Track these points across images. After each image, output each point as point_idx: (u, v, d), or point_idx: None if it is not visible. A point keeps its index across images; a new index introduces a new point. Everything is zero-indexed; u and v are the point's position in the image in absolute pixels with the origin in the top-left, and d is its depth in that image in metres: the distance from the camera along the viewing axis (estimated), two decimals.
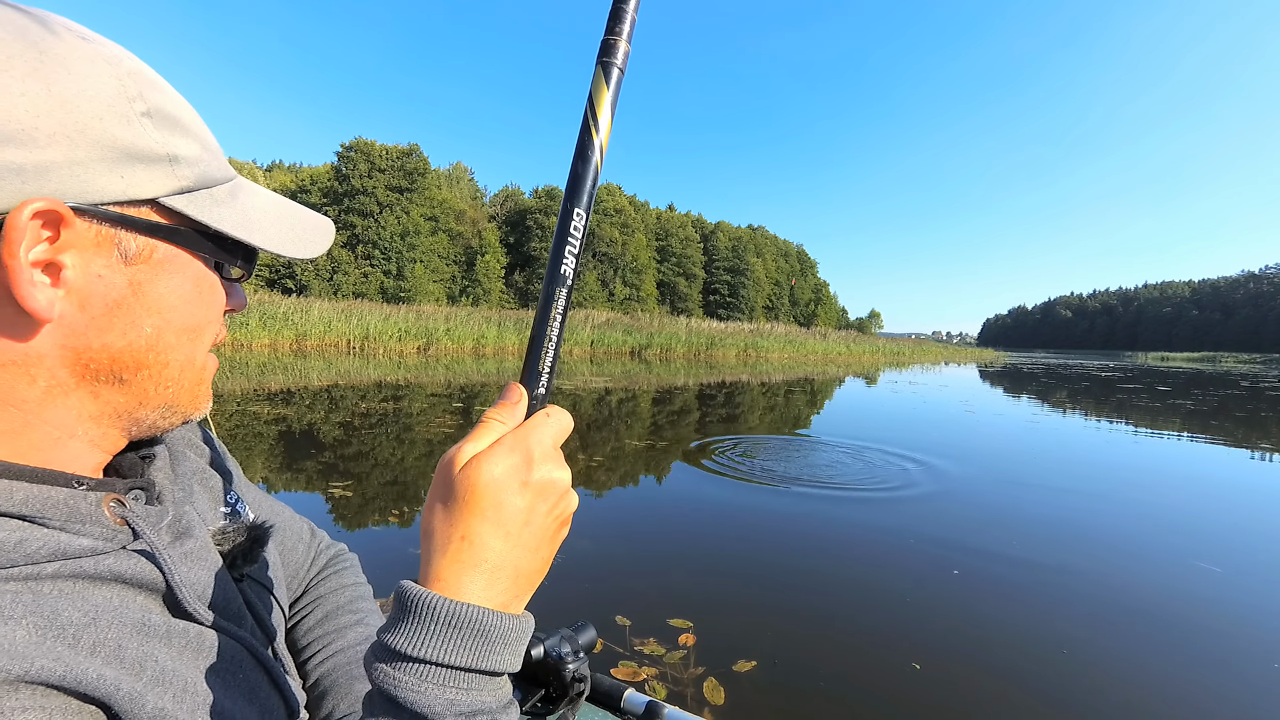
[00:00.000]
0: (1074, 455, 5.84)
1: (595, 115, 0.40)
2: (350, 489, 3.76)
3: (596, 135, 0.40)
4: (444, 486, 0.36)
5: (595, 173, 0.40)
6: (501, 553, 0.36)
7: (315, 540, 0.75)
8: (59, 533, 0.34)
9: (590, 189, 0.40)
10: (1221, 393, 15.10)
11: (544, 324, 0.40)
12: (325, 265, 30.68)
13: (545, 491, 0.37)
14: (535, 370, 0.40)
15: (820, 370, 19.51)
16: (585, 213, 0.40)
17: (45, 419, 0.36)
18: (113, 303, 0.36)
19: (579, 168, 0.40)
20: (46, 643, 0.31)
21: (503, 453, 0.36)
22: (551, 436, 0.38)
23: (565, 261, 0.40)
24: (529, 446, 0.37)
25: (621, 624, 2.17)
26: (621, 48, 0.40)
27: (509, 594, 0.36)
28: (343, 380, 10.09)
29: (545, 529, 0.38)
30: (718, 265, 47.83)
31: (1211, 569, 2.94)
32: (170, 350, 0.40)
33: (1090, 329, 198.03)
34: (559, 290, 0.39)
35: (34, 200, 0.32)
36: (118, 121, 0.34)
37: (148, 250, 0.37)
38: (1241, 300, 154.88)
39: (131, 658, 0.34)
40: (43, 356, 0.35)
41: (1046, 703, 1.82)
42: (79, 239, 0.34)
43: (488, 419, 0.38)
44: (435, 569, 0.35)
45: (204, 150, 0.40)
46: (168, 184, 0.37)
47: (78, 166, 0.33)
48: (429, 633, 0.33)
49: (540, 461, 0.37)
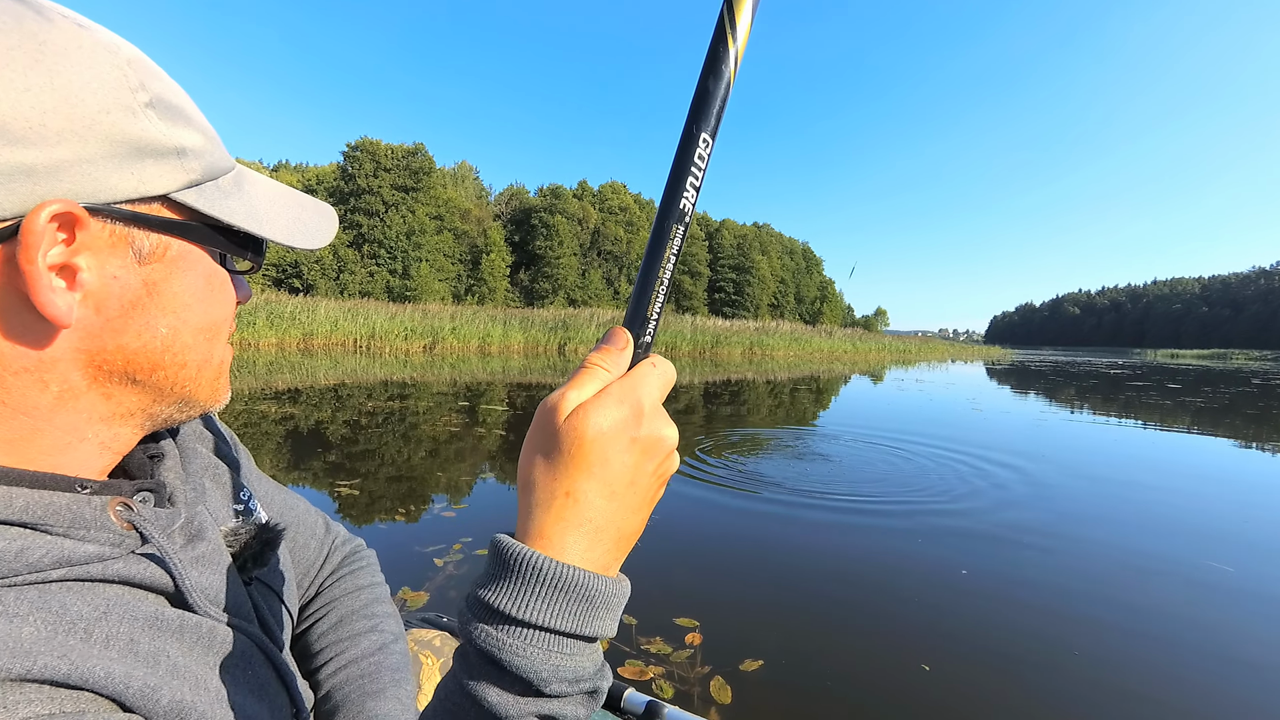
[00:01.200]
0: (1083, 454, 5.79)
1: (734, 18, 0.33)
2: (357, 487, 3.77)
3: (733, 43, 0.33)
4: (546, 435, 0.34)
5: (728, 89, 0.33)
6: (606, 512, 0.34)
7: (330, 536, 0.73)
8: (62, 539, 0.33)
9: (719, 110, 0.34)
10: (1232, 390, 14.94)
11: (655, 264, 0.35)
12: (332, 264, 30.82)
13: (653, 449, 0.35)
14: (642, 316, 0.36)
15: (826, 368, 19.43)
16: (712, 138, 0.34)
17: (55, 424, 0.35)
18: (128, 304, 0.35)
19: (709, 83, 0.33)
20: (57, 638, 0.30)
21: (611, 404, 0.33)
22: (659, 389, 0.36)
23: (685, 195, 0.35)
24: (639, 398, 0.34)
25: (627, 622, 2.16)
26: None
27: (610, 556, 0.35)
28: (349, 379, 10.13)
29: (648, 489, 0.36)
30: (723, 263, 47.71)
31: (1224, 568, 2.91)
32: (188, 351, 0.39)
33: (1098, 326, 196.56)
34: (675, 227, 0.35)
35: (50, 202, 0.30)
36: (124, 115, 0.33)
37: (161, 248, 0.36)
38: (1252, 296, 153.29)
39: (145, 651, 0.34)
40: (56, 361, 0.34)
41: (1058, 705, 1.80)
42: (94, 240, 0.33)
43: (591, 364, 0.36)
44: (538, 525, 0.33)
45: (207, 140, 0.38)
46: (178, 178, 0.36)
47: (88, 164, 0.32)
48: (534, 594, 0.32)
49: (650, 416, 0.35)
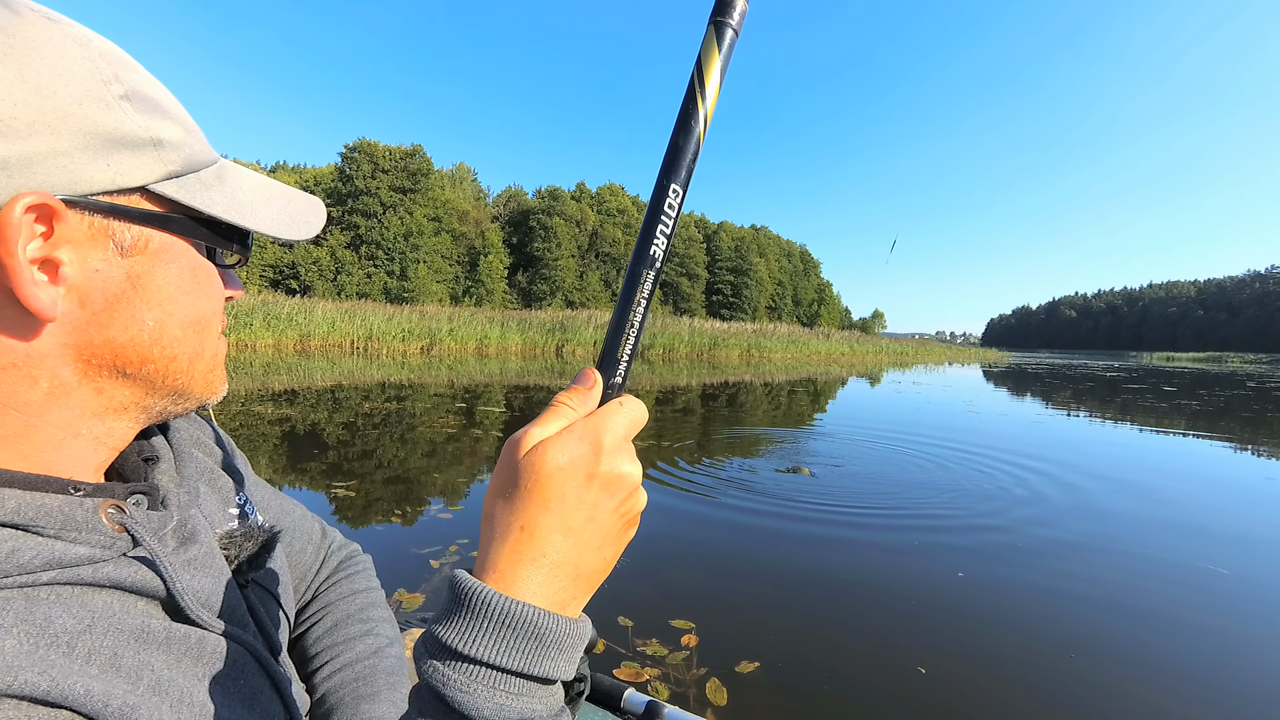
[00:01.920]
0: (1078, 456, 5.80)
1: (703, 81, 0.35)
2: (354, 489, 3.77)
3: (702, 104, 0.35)
4: (507, 470, 0.34)
5: (697, 146, 0.36)
6: (562, 548, 0.33)
7: (326, 541, 0.73)
8: (53, 541, 0.33)
9: (690, 164, 0.36)
10: (1227, 393, 15.00)
11: (627, 308, 0.36)
12: (329, 266, 30.77)
13: (613, 486, 0.35)
14: (613, 357, 0.37)
15: (823, 370, 19.46)
16: (682, 189, 0.36)
17: (48, 420, 0.35)
18: (112, 297, 0.35)
19: (680, 139, 0.36)
20: (39, 651, 0.30)
21: (570, 440, 0.33)
22: (624, 427, 0.35)
23: (655, 242, 0.36)
24: (599, 436, 0.34)
25: (624, 624, 2.16)
26: (739, 5, 0.36)
27: (567, 593, 0.34)
28: (346, 380, 10.11)
29: (610, 527, 0.35)
30: (720, 265, 47.77)
31: (1219, 570, 2.92)
32: (176, 344, 0.39)
33: (1095, 329, 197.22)
34: (646, 273, 0.36)
35: (25, 194, 0.30)
36: (97, 106, 0.33)
37: (143, 240, 0.36)
38: (1248, 300, 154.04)
39: (128, 666, 0.33)
40: (44, 357, 0.34)
41: (1053, 706, 1.80)
42: (73, 233, 0.33)
43: (558, 402, 0.36)
44: (492, 559, 0.33)
45: (186, 133, 0.38)
46: (155, 170, 0.36)
47: (62, 156, 0.31)
48: (481, 630, 0.31)
49: (610, 453, 0.34)
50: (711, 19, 0.36)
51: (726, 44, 0.36)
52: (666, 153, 0.36)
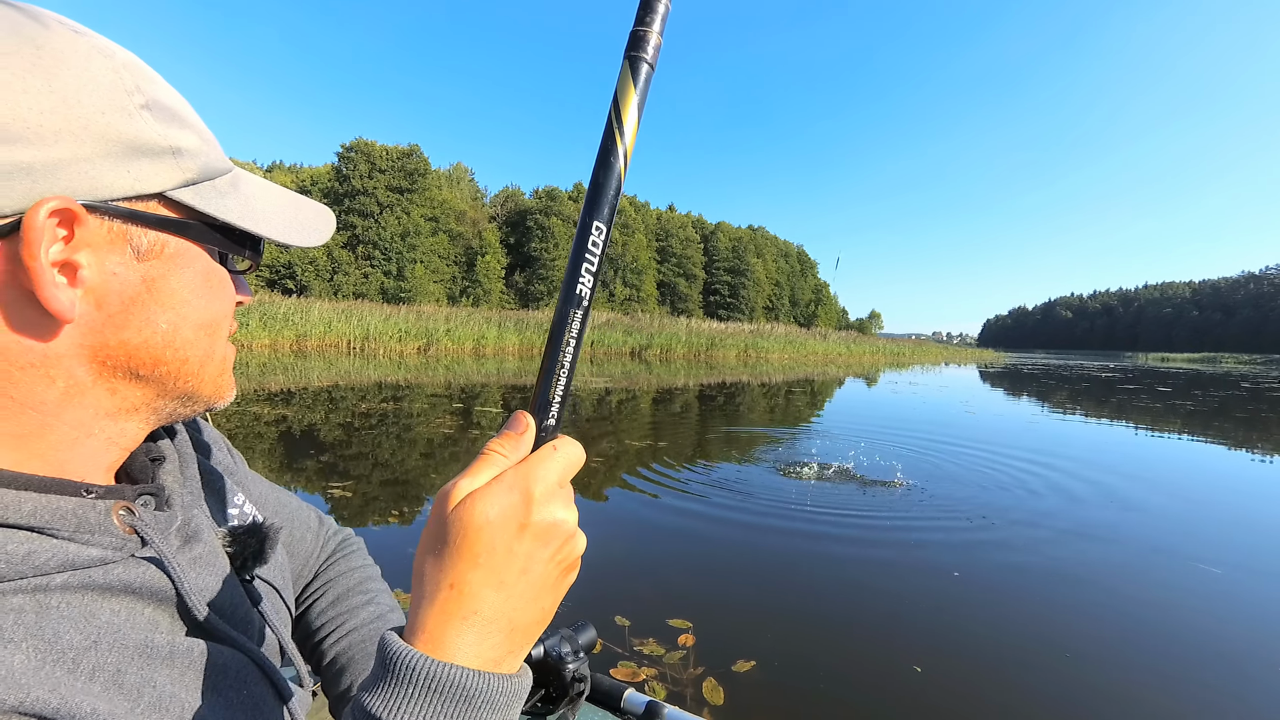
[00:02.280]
0: (1073, 457, 5.83)
1: (620, 118, 0.35)
2: (350, 489, 3.76)
3: (621, 141, 0.35)
4: (436, 526, 0.33)
5: (618, 182, 0.36)
6: (495, 604, 0.32)
7: (323, 527, 0.76)
8: (68, 543, 0.34)
9: (612, 200, 0.36)
10: (1222, 393, 15.08)
11: (556, 349, 0.36)
12: (326, 265, 30.70)
13: (546, 535, 0.34)
14: (545, 399, 0.36)
15: (820, 371, 19.50)
16: (606, 226, 0.36)
17: (63, 419, 0.36)
18: (128, 299, 0.36)
19: (600, 176, 0.35)
20: (45, 668, 0.30)
21: (500, 491, 0.32)
22: (557, 472, 0.35)
23: (581, 281, 0.35)
24: (528, 485, 0.33)
25: (621, 624, 2.17)
26: (652, 40, 0.36)
27: (501, 649, 0.33)
28: (343, 381, 10.10)
29: (546, 576, 0.34)
30: (718, 266, 47.82)
31: (1211, 570, 2.94)
32: (188, 346, 0.40)
33: (1090, 329, 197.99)
34: (574, 312, 0.35)
35: (49, 199, 0.31)
36: (119, 116, 0.34)
37: (159, 245, 0.37)
38: (1242, 301, 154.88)
39: (130, 683, 0.34)
40: (61, 357, 0.34)
41: (1048, 705, 1.82)
42: (93, 237, 0.34)
43: (489, 451, 0.35)
44: (420, 620, 0.32)
45: (203, 141, 0.40)
46: (173, 177, 0.37)
47: (85, 163, 0.33)
48: (408, 697, 0.30)
49: (542, 502, 0.33)
50: (626, 54, 0.36)
51: (642, 79, 0.36)
52: (588, 191, 0.36)
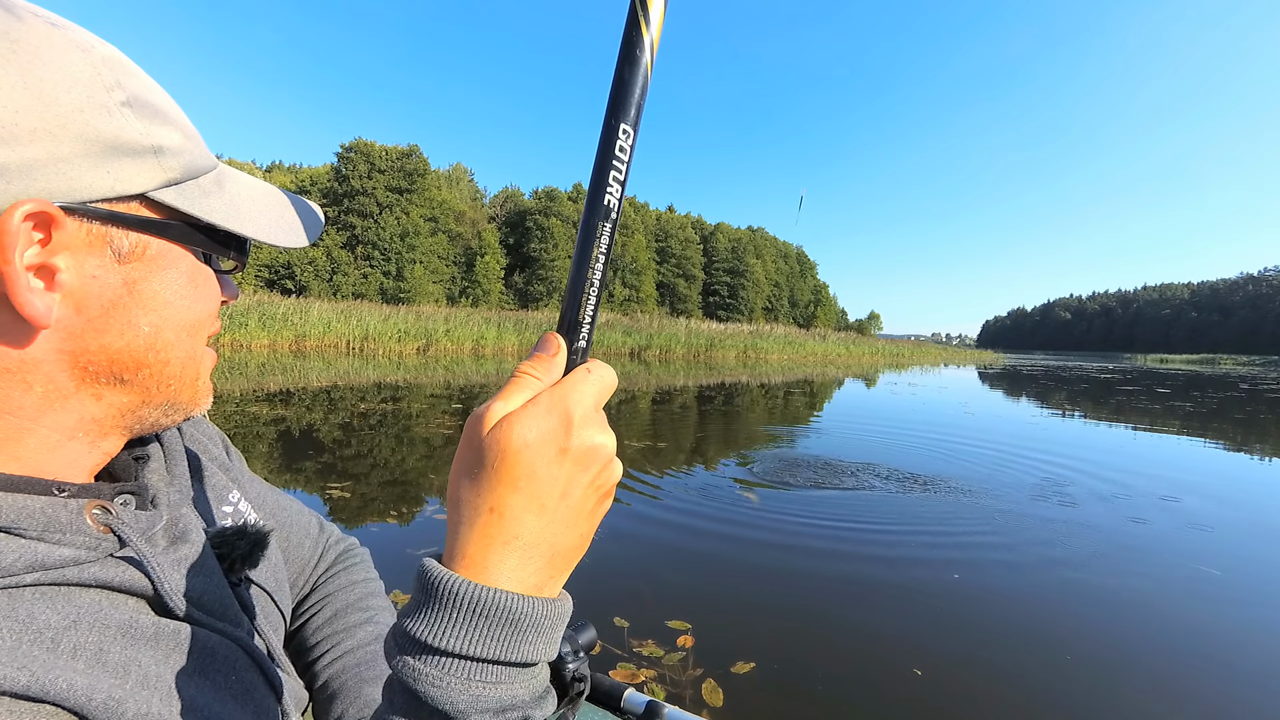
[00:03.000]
0: (1072, 458, 5.83)
1: (645, 3, 0.32)
2: (349, 490, 3.76)
3: (646, 29, 0.32)
4: (471, 450, 0.32)
5: (645, 79, 0.33)
6: (535, 529, 0.32)
7: (324, 535, 0.73)
8: (36, 543, 0.33)
9: (639, 100, 0.33)
10: (1220, 394, 15.10)
11: (583, 265, 0.33)
12: (325, 266, 30.67)
13: (586, 459, 0.33)
14: (574, 320, 0.34)
15: (820, 371, 19.50)
16: (633, 129, 0.33)
17: (43, 424, 0.35)
18: (109, 303, 0.35)
19: (625, 72, 0.32)
20: (21, 647, 0.30)
21: (538, 414, 0.32)
22: (593, 396, 0.33)
23: (609, 190, 0.33)
24: (568, 407, 0.32)
25: (620, 625, 2.16)
26: None
27: (544, 574, 0.33)
28: (342, 381, 10.08)
29: (585, 502, 0.34)
30: (717, 266, 47.82)
31: (1211, 571, 2.94)
32: (170, 348, 0.39)
33: (1089, 330, 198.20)
34: (601, 225, 0.33)
35: (24, 202, 0.30)
36: (98, 113, 0.32)
37: (140, 247, 0.36)
38: (1240, 302, 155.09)
39: (115, 661, 0.33)
40: (39, 362, 0.33)
41: (1049, 708, 1.81)
42: (71, 240, 0.33)
43: (521, 373, 0.34)
44: (461, 545, 0.31)
45: (186, 139, 0.38)
46: (155, 177, 0.35)
47: (62, 163, 0.31)
48: (452, 621, 0.30)
49: (580, 425, 0.32)
50: None
51: None
52: (612, 89, 0.33)
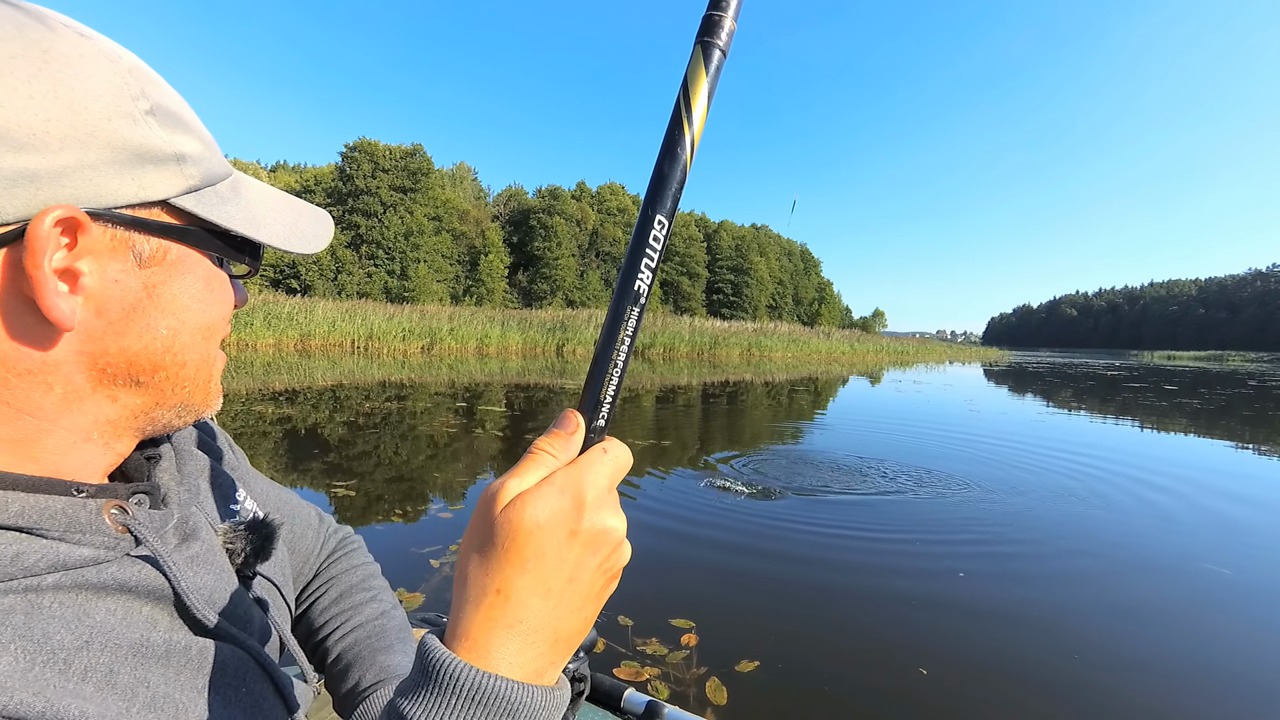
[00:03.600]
0: (1078, 455, 5.80)
1: (689, 104, 0.34)
2: (354, 488, 3.77)
3: (689, 129, 0.34)
4: (482, 527, 0.32)
5: (684, 173, 0.34)
6: (541, 612, 0.31)
7: (324, 526, 0.76)
8: (58, 543, 0.34)
9: (676, 193, 0.34)
10: (1228, 392, 14.99)
11: (610, 346, 0.34)
12: (329, 265, 30.77)
13: (596, 543, 0.33)
14: (595, 399, 0.35)
15: (824, 369, 19.46)
16: (668, 220, 0.34)
17: (60, 425, 0.36)
18: (129, 307, 0.36)
19: (665, 166, 0.34)
20: (34, 670, 0.30)
21: (551, 494, 0.31)
22: (608, 477, 0.33)
23: (640, 276, 0.34)
24: (581, 488, 0.32)
25: (623, 624, 2.16)
26: (727, 25, 0.34)
27: (545, 660, 0.32)
28: (347, 380, 10.12)
29: (592, 585, 0.33)
30: (721, 264, 47.73)
31: (1221, 570, 2.92)
32: (186, 351, 0.40)
33: (1095, 327, 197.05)
34: (630, 309, 0.34)
35: (55, 208, 0.31)
36: (125, 122, 0.34)
37: (161, 252, 0.37)
38: (1248, 299, 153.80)
39: (124, 683, 0.33)
40: (60, 364, 0.34)
41: (1057, 708, 1.80)
42: (96, 245, 0.34)
43: (537, 449, 0.34)
44: (465, 625, 0.31)
45: (205, 147, 0.39)
46: (177, 184, 0.37)
47: (90, 170, 0.32)
48: (450, 707, 0.30)
49: (593, 507, 0.32)
50: (698, 39, 0.34)
51: (714, 66, 0.34)
52: (651, 181, 0.34)
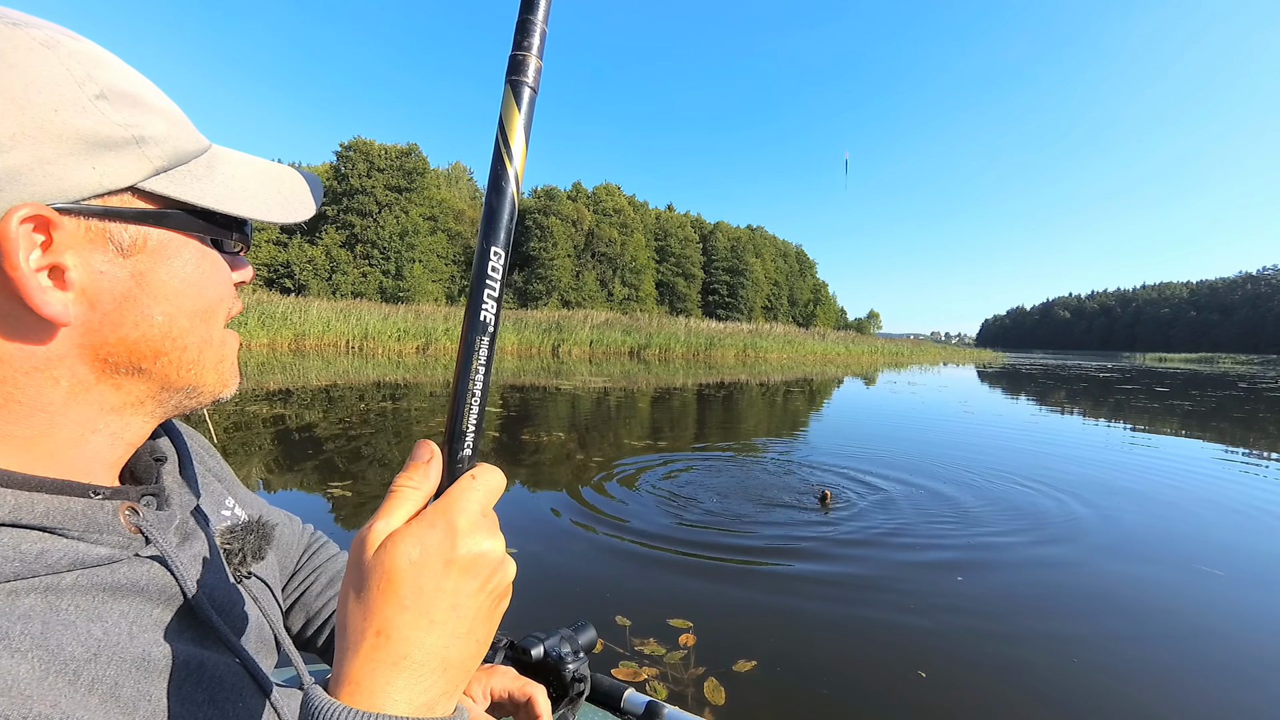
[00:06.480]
0: (1072, 459, 5.83)
1: (507, 142, 0.36)
2: (349, 489, 3.75)
3: (510, 165, 0.36)
4: (357, 573, 0.32)
5: (513, 206, 0.36)
6: (427, 644, 0.32)
7: (294, 523, 0.79)
8: (78, 542, 0.35)
9: (508, 224, 0.36)
10: (1219, 394, 15.10)
11: (466, 377, 0.36)
12: (324, 265, 30.66)
13: (474, 568, 0.33)
14: (459, 430, 0.36)
15: (819, 371, 19.51)
16: (504, 251, 0.36)
17: (69, 418, 0.36)
18: (120, 296, 0.36)
19: (493, 201, 0.36)
20: (48, 679, 0.31)
21: (421, 529, 0.32)
22: (479, 502, 0.34)
23: (485, 307, 0.36)
24: (451, 518, 0.33)
25: (621, 624, 2.16)
26: (532, 64, 0.36)
27: (435, 690, 0.32)
28: (341, 380, 10.08)
29: (479, 609, 0.34)
30: (717, 265, 47.83)
31: (1214, 572, 2.94)
32: (185, 334, 0.40)
33: (1088, 330, 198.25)
34: (480, 339, 0.36)
35: (18, 207, 0.31)
36: (74, 111, 0.32)
37: (141, 239, 0.36)
38: (1239, 301, 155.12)
39: (127, 696, 0.34)
40: (63, 358, 0.35)
41: (1055, 711, 1.80)
42: (72, 239, 0.33)
43: (398, 487, 0.34)
44: (346, 670, 0.31)
45: (170, 125, 0.37)
46: (141, 167, 0.36)
47: (47, 165, 0.32)
48: None
49: (466, 533, 0.33)
50: (507, 79, 0.36)
51: (525, 102, 0.36)
52: (483, 217, 0.36)
